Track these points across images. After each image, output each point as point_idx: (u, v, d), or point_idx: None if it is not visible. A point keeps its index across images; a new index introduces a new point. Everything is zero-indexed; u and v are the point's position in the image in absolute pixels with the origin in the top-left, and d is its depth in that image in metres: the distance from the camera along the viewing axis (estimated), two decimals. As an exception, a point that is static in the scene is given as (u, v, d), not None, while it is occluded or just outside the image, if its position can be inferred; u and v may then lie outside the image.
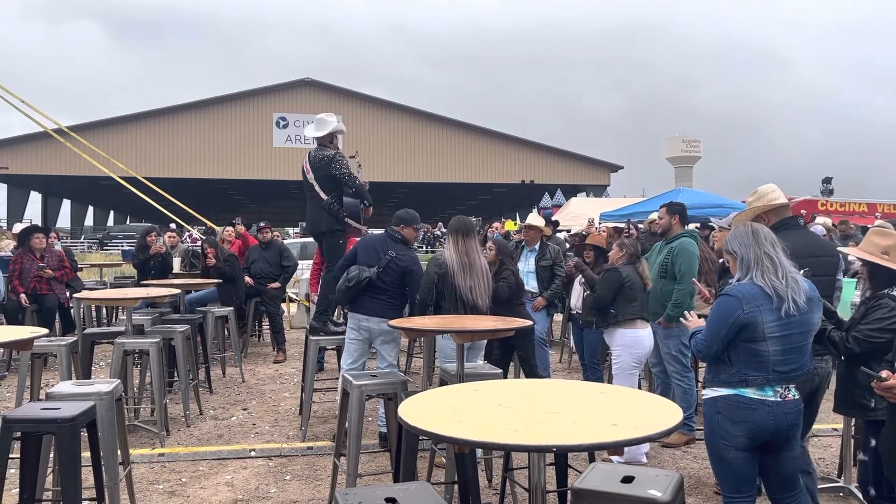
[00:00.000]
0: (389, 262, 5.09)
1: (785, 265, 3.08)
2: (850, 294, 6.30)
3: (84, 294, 6.90)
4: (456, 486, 3.60)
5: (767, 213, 4.52)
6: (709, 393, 3.15)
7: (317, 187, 5.94)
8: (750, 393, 3.01)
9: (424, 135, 43.37)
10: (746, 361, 3.02)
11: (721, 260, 4.90)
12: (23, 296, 8.14)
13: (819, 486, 4.54)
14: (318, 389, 6.39)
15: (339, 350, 5.67)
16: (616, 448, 4.56)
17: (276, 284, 9.19)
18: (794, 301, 3.01)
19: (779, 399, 3.02)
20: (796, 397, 3.09)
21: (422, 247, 26.27)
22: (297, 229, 35.03)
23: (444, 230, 28.39)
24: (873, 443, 3.39)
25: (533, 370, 5.69)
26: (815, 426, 5.88)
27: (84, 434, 3.44)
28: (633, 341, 5.03)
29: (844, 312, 3.88)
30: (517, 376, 6.94)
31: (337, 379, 5.67)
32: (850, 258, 8.07)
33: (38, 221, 35.19)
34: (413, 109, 44.18)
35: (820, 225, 10.01)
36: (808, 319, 3.08)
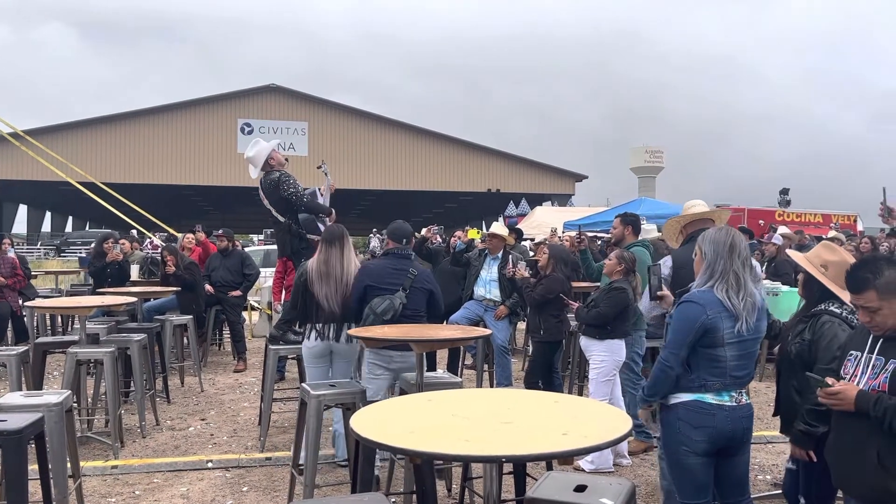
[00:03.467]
0: (414, 282, 4.41)
1: (749, 287, 3.11)
2: (796, 302, 6.44)
3: (36, 302, 6.72)
4: (414, 496, 3.60)
5: (686, 224, 4.79)
6: (668, 400, 3.17)
7: (274, 212, 5.96)
8: (710, 398, 3.07)
9: (390, 142, 43.33)
10: (706, 367, 3.07)
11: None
12: (-27, 304, 7.94)
13: (771, 493, 4.65)
14: (278, 399, 6.33)
15: (298, 359, 5.62)
16: (567, 458, 4.59)
17: (237, 293, 9.09)
18: (747, 321, 3.08)
19: (734, 403, 3.09)
20: (748, 402, 3.16)
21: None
22: (262, 236, 34.68)
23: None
24: None
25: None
26: (767, 433, 6.03)
27: (32, 446, 3.36)
28: (617, 348, 5.16)
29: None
30: (485, 384, 6.96)
31: (297, 388, 5.61)
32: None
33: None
34: (378, 117, 44.11)
35: (780, 235, 10.22)
36: (758, 327, 3.17)
